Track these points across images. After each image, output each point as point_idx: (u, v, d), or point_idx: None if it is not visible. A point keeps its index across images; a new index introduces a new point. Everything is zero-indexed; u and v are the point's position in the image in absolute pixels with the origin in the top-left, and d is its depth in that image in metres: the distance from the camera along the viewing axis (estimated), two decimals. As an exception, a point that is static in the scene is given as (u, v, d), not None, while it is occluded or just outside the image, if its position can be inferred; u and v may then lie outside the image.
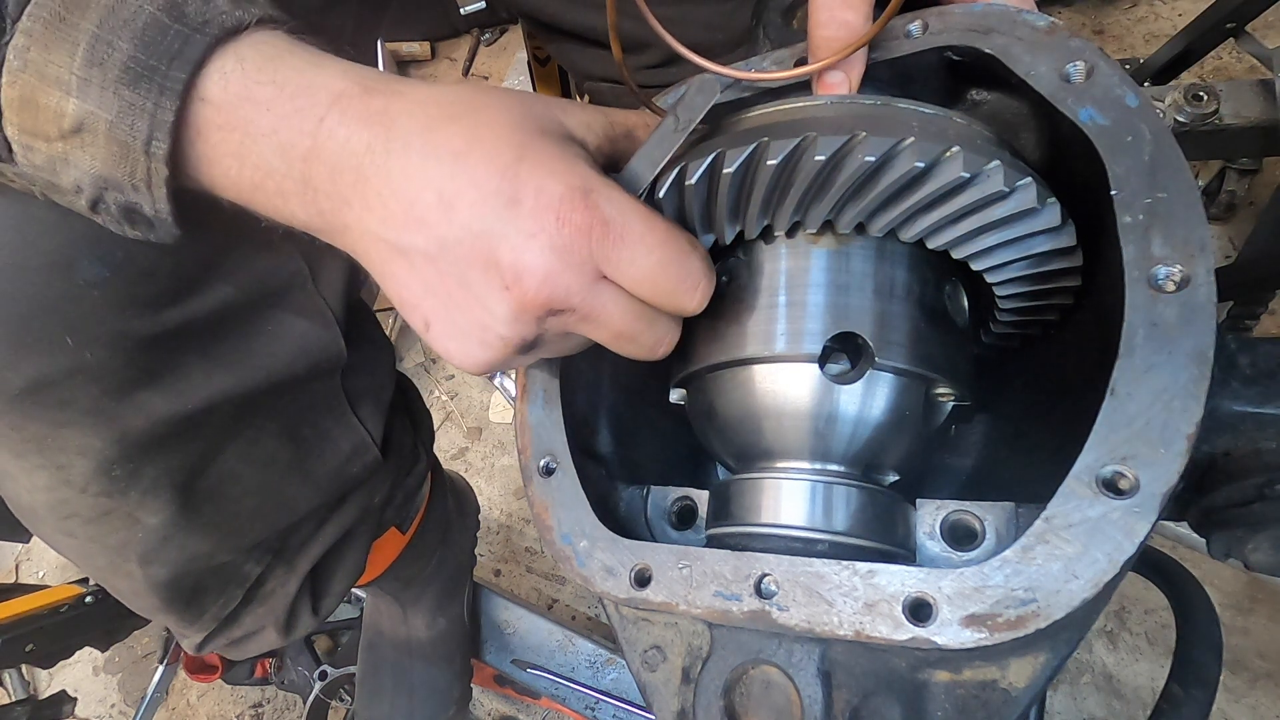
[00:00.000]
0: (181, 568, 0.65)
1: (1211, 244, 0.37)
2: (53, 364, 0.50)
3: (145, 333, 0.52)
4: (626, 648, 0.48)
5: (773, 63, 0.54)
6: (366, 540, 0.85)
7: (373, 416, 0.77)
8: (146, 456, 0.58)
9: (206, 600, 0.71)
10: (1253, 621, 1.24)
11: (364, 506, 0.81)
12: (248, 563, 0.72)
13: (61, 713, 1.33)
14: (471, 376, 1.90)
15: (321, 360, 0.67)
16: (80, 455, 0.55)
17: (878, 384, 0.46)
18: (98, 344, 0.50)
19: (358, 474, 0.77)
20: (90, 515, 0.59)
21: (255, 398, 0.62)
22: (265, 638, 0.79)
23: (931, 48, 0.47)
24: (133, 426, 0.55)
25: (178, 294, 0.54)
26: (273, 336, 0.62)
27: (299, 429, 0.69)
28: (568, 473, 0.51)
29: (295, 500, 0.72)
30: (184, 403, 0.57)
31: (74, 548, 0.63)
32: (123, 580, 0.66)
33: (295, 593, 0.77)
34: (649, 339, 0.45)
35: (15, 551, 2.04)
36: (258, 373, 0.61)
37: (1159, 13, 1.83)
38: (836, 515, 0.46)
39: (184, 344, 0.56)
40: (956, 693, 0.39)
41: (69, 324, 0.49)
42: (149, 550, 0.63)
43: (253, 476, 0.66)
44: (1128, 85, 0.41)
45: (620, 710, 1.22)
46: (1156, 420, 0.35)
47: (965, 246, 0.43)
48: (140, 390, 0.55)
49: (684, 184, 0.45)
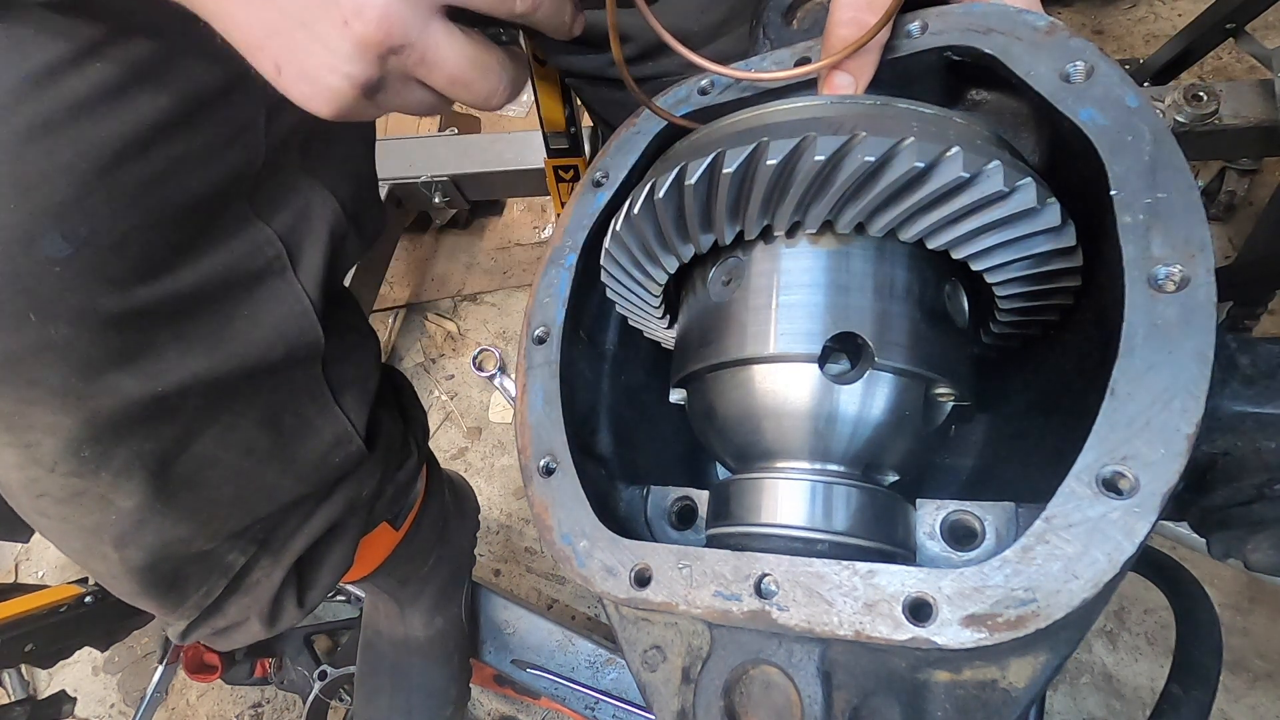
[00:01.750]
0: (158, 553, 0.65)
1: (1211, 244, 0.37)
2: (18, 340, 0.50)
3: (114, 310, 0.52)
4: (626, 648, 0.48)
5: (773, 63, 0.54)
6: (355, 534, 0.85)
7: (356, 407, 0.77)
8: (117, 438, 0.57)
9: (188, 588, 0.70)
10: (1253, 621, 1.24)
11: (351, 499, 0.81)
12: (231, 552, 0.71)
13: (61, 712, 1.33)
14: (471, 376, 1.90)
15: (299, 347, 0.66)
16: (48, 434, 0.55)
17: (878, 384, 0.46)
18: (62, 320, 0.50)
19: (341, 464, 0.77)
20: (61, 495, 0.59)
21: (231, 382, 0.62)
22: (250, 628, 0.79)
23: (931, 48, 0.47)
24: (103, 406, 0.55)
25: (147, 272, 0.54)
26: (249, 320, 0.62)
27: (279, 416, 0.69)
28: (568, 473, 0.51)
29: (276, 489, 0.71)
30: (156, 384, 0.57)
31: (49, 528, 0.63)
32: (99, 563, 0.65)
33: (280, 584, 0.77)
34: (483, 86, 0.46)
35: (15, 551, 2.04)
36: (232, 357, 0.61)
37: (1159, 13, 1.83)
38: (836, 515, 0.46)
39: (155, 324, 0.56)
40: (956, 693, 0.39)
41: (32, 300, 0.49)
42: (123, 533, 0.62)
43: (231, 463, 0.66)
44: (1128, 85, 0.41)
45: (620, 710, 1.22)
46: (1156, 420, 0.35)
47: (965, 247, 0.43)
48: (110, 370, 0.54)
49: (684, 184, 0.45)
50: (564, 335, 0.55)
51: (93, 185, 0.49)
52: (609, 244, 0.53)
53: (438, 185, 1.72)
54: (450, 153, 1.73)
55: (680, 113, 0.56)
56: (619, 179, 0.58)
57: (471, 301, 2.04)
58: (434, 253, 2.13)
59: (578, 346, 0.58)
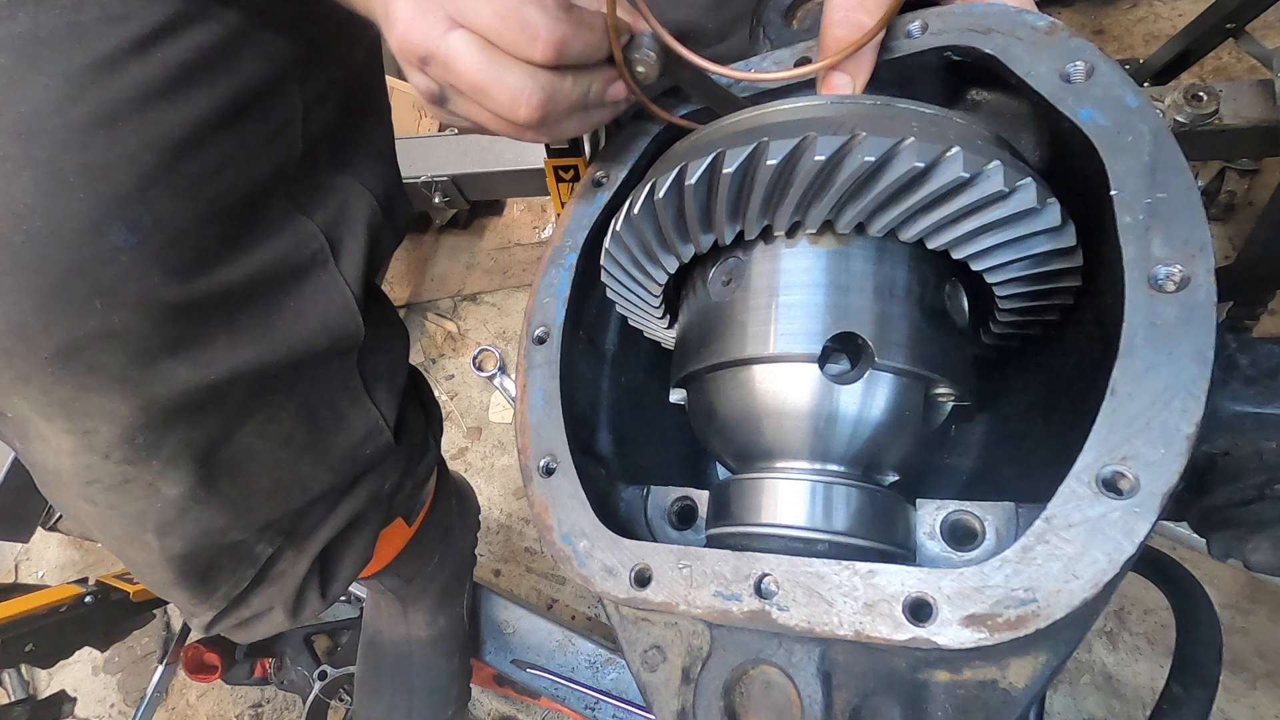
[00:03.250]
0: (197, 542, 0.66)
1: (1211, 244, 0.37)
2: (82, 327, 0.50)
3: (172, 300, 0.53)
4: (626, 648, 0.48)
5: (773, 63, 0.54)
6: (376, 527, 0.86)
7: (387, 400, 0.77)
8: (169, 426, 0.58)
9: (219, 579, 0.71)
10: (1253, 621, 1.24)
11: (375, 492, 0.82)
12: (260, 543, 0.72)
13: (61, 712, 1.33)
14: (471, 376, 1.91)
15: (341, 338, 0.68)
16: (106, 421, 0.56)
17: (877, 384, 0.46)
18: (125, 309, 0.51)
19: (370, 457, 0.77)
20: (112, 482, 0.60)
21: (276, 372, 0.63)
22: (273, 619, 0.80)
23: (931, 48, 0.47)
24: (158, 394, 0.56)
25: (204, 264, 0.55)
26: (295, 312, 0.63)
27: (316, 408, 0.70)
28: (568, 473, 0.51)
29: (309, 480, 0.72)
30: (207, 373, 0.58)
31: (93, 515, 0.64)
32: (139, 551, 0.66)
33: (304, 575, 0.78)
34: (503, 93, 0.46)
35: (15, 551, 2.04)
36: (280, 347, 0.62)
37: (1159, 13, 1.83)
38: (836, 515, 0.46)
39: (210, 314, 0.57)
40: (956, 693, 0.39)
41: (98, 288, 0.50)
42: (166, 521, 0.63)
43: (270, 454, 0.67)
44: (1128, 85, 0.41)
45: (620, 710, 1.22)
46: (1156, 420, 0.35)
47: (965, 247, 0.43)
48: (166, 358, 0.55)
49: (684, 184, 0.45)
50: (564, 335, 0.55)
51: (157, 176, 0.50)
52: (609, 244, 0.53)
53: (438, 185, 1.72)
54: (450, 153, 1.74)
55: (680, 113, 0.56)
56: (619, 179, 0.58)
57: (471, 301, 2.04)
58: (434, 253, 2.13)
59: (578, 346, 0.59)
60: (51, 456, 0.59)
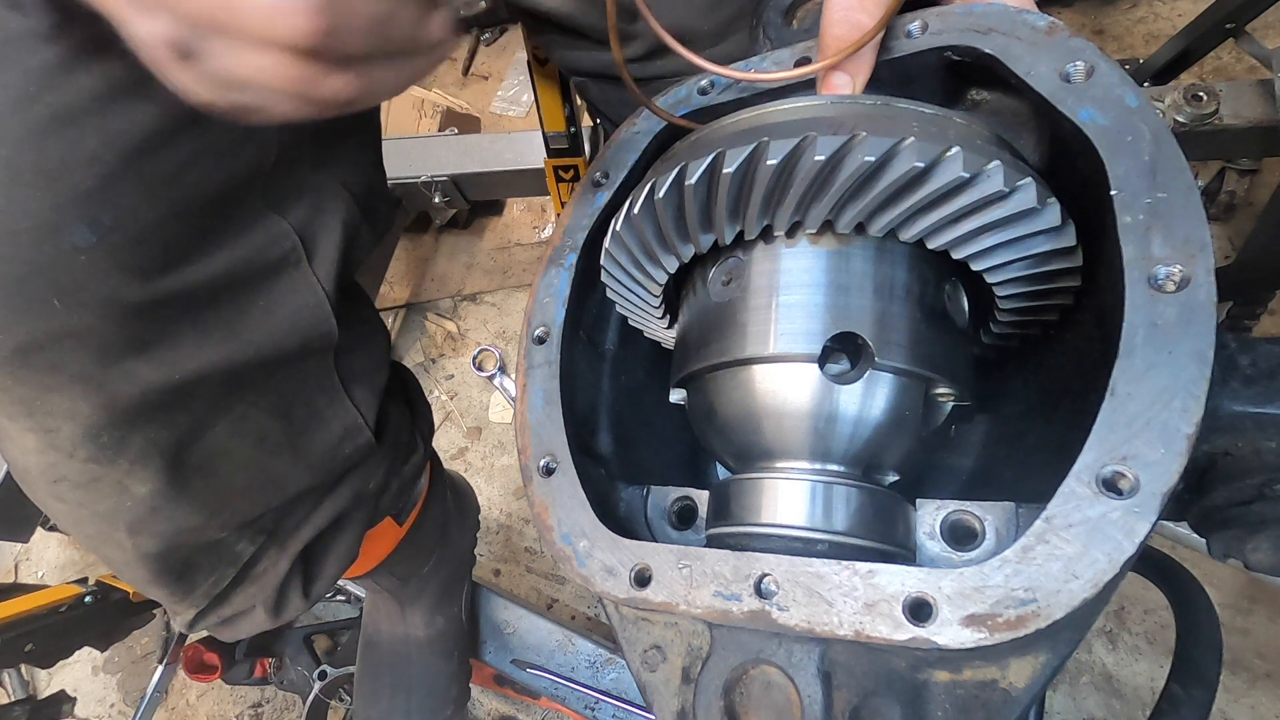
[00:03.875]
0: (171, 540, 0.66)
1: (1211, 244, 0.37)
2: (42, 327, 0.50)
3: (135, 299, 0.53)
4: (626, 648, 0.48)
5: (773, 63, 0.54)
6: (360, 527, 0.86)
7: (366, 399, 0.77)
8: (135, 425, 0.58)
9: (198, 577, 0.71)
10: (1253, 621, 1.24)
11: (358, 491, 0.81)
12: (240, 541, 0.72)
13: (60, 712, 1.33)
14: (471, 376, 1.91)
15: (313, 338, 0.67)
16: (68, 420, 0.56)
17: (877, 384, 0.46)
18: (85, 309, 0.51)
19: (350, 456, 0.77)
20: (79, 480, 0.60)
21: (246, 372, 0.63)
22: (255, 618, 0.80)
23: (931, 48, 0.47)
24: (121, 393, 0.56)
25: (169, 263, 0.54)
26: (265, 311, 0.63)
27: (291, 407, 0.70)
28: (568, 473, 0.51)
29: (287, 479, 0.72)
30: (173, 373, 0.57)
31: (65, 513, 0.64)
32: (113, 550, 0.66)
33: (286, 573, 0.78)
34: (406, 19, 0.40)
35: (15, 551, 2.04)
36: (249, 347, 0.62)
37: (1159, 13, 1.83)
38: (836, 515, 0.46)
39: (175, 314, 0.56)
40: (956, 693, 0.39)
41: (57, 287, 0.49)
42: (137, 520, 0.63)
43: (243, 452, 0.67)
44: (1128, 85, 0.41)
45: (620, 710, 1.22)
46: (1156, 420, 0.35)
47: (965, 247, 0.43)
48: (129, 358, 0.55)
49: (684, 184, 0.45)
50: (564, 335, 0.55)
51: (118, 175, 0.49)
52: (609, 244, 0.53)
53: (438, 185, 1.72)
54: (450, 153, 1.74)
55: (680, 113, 0.56)
56: (619, 179, 0.58)
57: (471, 301, 2.04)
58: (434, 253, 2.13)
59: (578, 346, 0.59)
60: (19, 455, 0.59)
